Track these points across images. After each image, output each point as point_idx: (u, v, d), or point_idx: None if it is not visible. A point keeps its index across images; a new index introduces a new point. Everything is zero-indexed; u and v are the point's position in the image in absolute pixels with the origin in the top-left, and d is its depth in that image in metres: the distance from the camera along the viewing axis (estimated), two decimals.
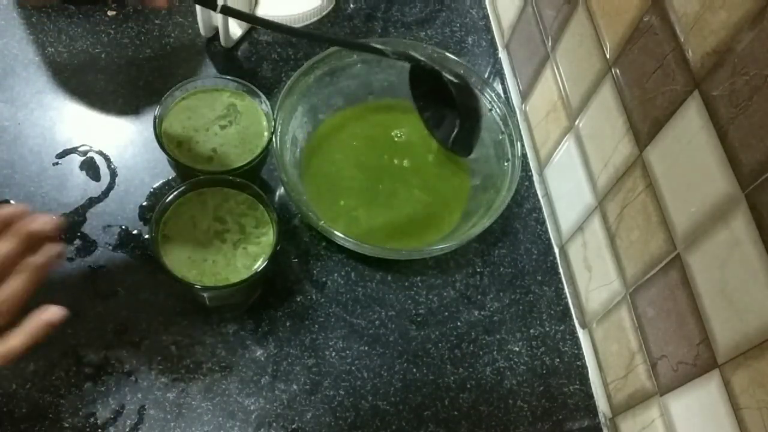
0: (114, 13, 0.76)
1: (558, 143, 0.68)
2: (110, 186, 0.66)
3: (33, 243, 0.44)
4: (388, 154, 0.71)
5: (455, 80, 0.65)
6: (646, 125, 0.53)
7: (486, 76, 0.80)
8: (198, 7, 0.70)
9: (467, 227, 0.66)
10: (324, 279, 0.65)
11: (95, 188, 0.66)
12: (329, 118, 0.72)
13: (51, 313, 0.44)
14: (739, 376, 0.45)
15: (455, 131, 0.69)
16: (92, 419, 0.56)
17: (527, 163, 0.75)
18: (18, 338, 0.43)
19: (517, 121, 0.71)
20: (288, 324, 0.62)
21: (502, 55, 0.81)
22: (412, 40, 0.80)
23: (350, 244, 0.61)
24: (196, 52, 0.76)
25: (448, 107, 0.67)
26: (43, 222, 0.44)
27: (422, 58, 0.65)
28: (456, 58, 0.70)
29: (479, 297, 0.67)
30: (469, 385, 0.62)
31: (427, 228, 0.68)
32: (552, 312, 0.67)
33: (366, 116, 0.73)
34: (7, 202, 0.64)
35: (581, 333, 0.66)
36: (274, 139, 0.62)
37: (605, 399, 0.62)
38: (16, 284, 0.43)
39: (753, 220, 0.42)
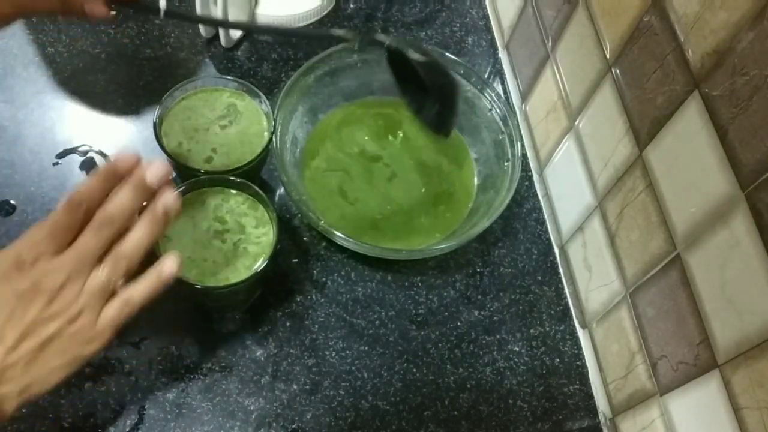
0: (114, 13, 0.76)
1: (558, 143, 0.68)
2: None
3: (149, 191, 0.45)
4: (389, 154, 0.71)
5: (422, 59, 0.63)
6: (646, 125, 0.53)
7: (486, 76, 0.80)
8: (198, 6, 0.70)
9: (467, 227, 0.66)
10: (324, 279, 0.65)
11: None
12: (329, 118, 0.72)
13: (166, 266, 0.46)
14: (739, 376, 0.45)
15: (432, 112, 0.67)
16: (92, 419, 0.56)
17: (527, 163, 0.75)
18: (142, 286, 0.46)
19: (517, 121, 0.71)
20: (288, 324, 0.62)
21: (502, 55, 0.81)
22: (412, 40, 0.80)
23: (350, 244, 0.61)
24: (196, 52, 0.76)
25: (424, 87, 0.66)
26: (157, 169, 0.45)
27: (386, 40, 0.63)
28: (456, 58, 0.70)
29: (479, 297, 0.67)
30: (469, 385, 0.62)
31: (428, 228, 0.68)
32: (552, 312, 0.67)
33: (367, 116, 0.73)
34: (7, 202, 0.64)
35: (581, 333, 0.66)
36: (274, 139, 0.62)
37: (605, 399, 0.62)
38: (140, 234, 0.45)
39: (753, 220, 0.42)
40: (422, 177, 0.71)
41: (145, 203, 0.47)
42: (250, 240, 0.57)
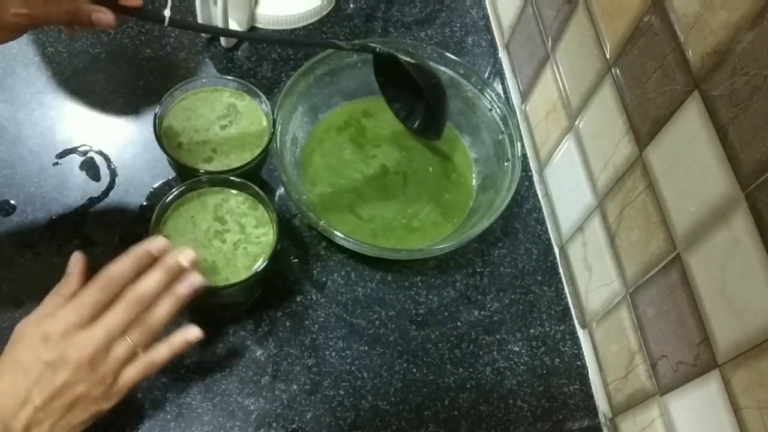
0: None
1: (558, 143, 0.68)
2: (110, 186, 0.66)
3: (177, 273, 0.50)
4: (390, 154, 0.71)
5: (412, 60, 0.64)
6: (646, 125, 0.53)
7: (486, 76, 0.80)
8: (198, 7, 0.70)
9: (467, 227, 0.66)
10: (324, 279, 0.65)
11: (95, 188, 0.66)
12: (329, 118, 0.72)
13: (191, 334, 0.51)
14: (739, 376, 0.45)
15: (423, 114, 0.69)
16: None
17: (527, 163, 0.75)
18: (164, 350, 0.50)
19: (517, 121, 0.71)
20: (288, 324, 0.62)
21: (502, 55, 0.81)
22: (412, 40, 0.80)
23: (350, 244, 0.61)
24: (196, 52, 0.76)
25: (413, 92, 0.67)
26: (185, 256, 0.50)
27: (376, 46, 0.64)
28: (456, 58, 0.70)
29: (479, 297, 0.67)
30: (469, 385, 0.62)
31: (428, 228, 0.68)
32: (552, 312, 0.67)
33: (367, 116, 0.73)
34: (7, 202, 0.64)
35: (581, 333, 0.66)
36: (274, 139, 0.62)
37: (605, 399, 0.62)
38: (164, 308, 0.50)
39: (753, 220, 0.42)
40: (424, 159, 0.71)
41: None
42: (250, 240, 0.57)
